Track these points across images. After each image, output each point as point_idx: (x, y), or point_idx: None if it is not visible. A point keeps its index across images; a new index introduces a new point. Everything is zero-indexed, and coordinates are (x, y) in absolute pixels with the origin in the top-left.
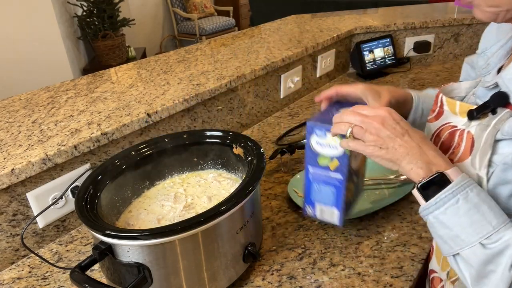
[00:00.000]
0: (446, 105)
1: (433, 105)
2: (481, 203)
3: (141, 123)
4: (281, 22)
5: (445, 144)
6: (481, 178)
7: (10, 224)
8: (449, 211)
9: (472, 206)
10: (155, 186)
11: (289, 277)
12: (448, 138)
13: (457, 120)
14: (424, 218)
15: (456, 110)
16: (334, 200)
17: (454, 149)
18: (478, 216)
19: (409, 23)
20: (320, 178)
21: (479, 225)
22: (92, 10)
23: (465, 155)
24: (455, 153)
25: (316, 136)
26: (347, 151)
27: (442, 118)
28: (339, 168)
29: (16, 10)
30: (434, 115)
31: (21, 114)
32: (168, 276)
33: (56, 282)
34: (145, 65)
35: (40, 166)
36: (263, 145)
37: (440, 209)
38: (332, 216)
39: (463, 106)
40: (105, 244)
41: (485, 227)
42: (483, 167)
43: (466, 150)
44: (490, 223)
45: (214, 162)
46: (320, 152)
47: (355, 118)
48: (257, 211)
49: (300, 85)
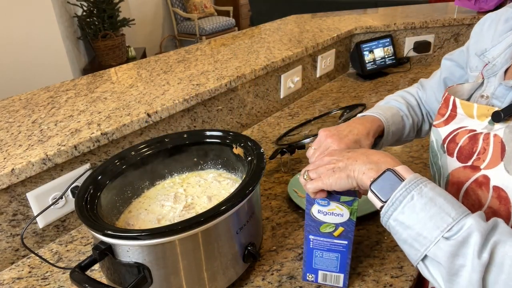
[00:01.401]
0: (461, 108)
1: (442, 108)
2: (436, 197)
3: (141, 123)
4: (281, 22)
5: (465, 150)
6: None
7: (10, 224)
8: (406, 210)
9: (428, 200)
10: (155, 186)
11: (289, 277)
12: (468, 143)
13: (474, 124)
14: (386, 226)
15: (473, 113)
16: (339, 265)
17: (479, 154)
18: (436, 209)
19: (409, 23)
20: (323, 245)
21: (438, 218)
22: (92, 10)
23: (496, 161)
24: (482, 159)
25: (318, 205)
26: (354, 216)
27: (454, 122)
28: (345, 234)
29: (16, 10)
30: (444, 119)
31: (21, 114)
32: (168, 276)
33: (56, 282)
34: (145, 65)
35: (40, 166)
36: (263, 145)
37: (397, 210)
38: (337, 280)
39: (481, 108)
40: (105, 244)
41: (445, 219)
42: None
43: (495, 155)
44: (449, 214)
45: (214, 162)
46: (323, 221)
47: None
48: (257, 211)
49: (300, 85)
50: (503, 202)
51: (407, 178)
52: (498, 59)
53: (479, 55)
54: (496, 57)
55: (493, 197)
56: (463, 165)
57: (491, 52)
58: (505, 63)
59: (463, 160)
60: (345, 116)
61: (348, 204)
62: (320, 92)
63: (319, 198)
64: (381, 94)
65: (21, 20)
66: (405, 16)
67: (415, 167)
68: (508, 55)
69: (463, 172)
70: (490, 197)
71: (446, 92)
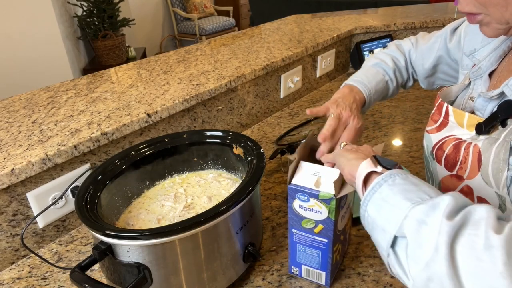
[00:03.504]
0: (453, 116)
1: (435, 114)
2: (417, 181)
3: (141, 123)
4: (281, 22)
5: (451, 158)
6: (503, 198)
7: (10, 224)
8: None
9: (409, 182)
10: (155, 186)
11: (289, 277)
12: (453, 152)
13: (463, 133)
14: (364, 213)
15: (464, 123)
16: (321, 263)
17: (461, 164)
18: (414, 187)
19: (409, 23)
20: (305, 241)
21: (415, 194)
22: (92, 10)
23: (474, 171)
24: (463, 169)
25: (299, 200)
26: (332, 215)
27: (445, 130)
28: (324, 232)
29: (16, 10)
30: (436, 126)
31: (21, 114)
32: (168, 276)
33: (56, 282)
34: (145, 65)
35: (40, 166)
36: (263, 145)
37: (376, 193)
38: (319, 277)
39: (472, 118)
40: (105, 244)
41: (421, 195)
42: (501, 186)
43: (473, 166)
44: (426, 193)
45: (214, 162)
46: (303, 216)
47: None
48: (257, 211)
49: (300, 85)
50: None
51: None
52: (483, 62)
53: (468, 55)
54: (482, 59)
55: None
56: (450, 173)
57: (479, 52)
58: (490, 66)
59: (449, 169)
60: None
61: (326, 202)
62: (320, 92)
63: (299, 194)
64: None
65: (21, 20)
66: (405, 16)
67: (415, 167)
68: (493, 58)
69: (451, 181)
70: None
71: (438, 98)
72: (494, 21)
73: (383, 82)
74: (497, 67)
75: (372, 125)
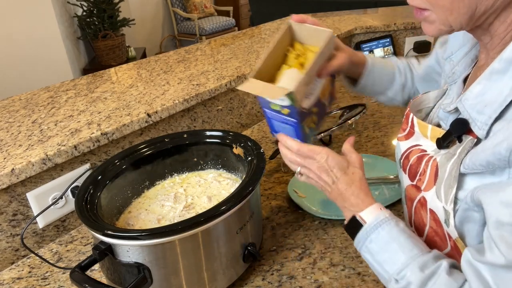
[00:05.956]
0: (418, 127)
1: (404, 123)
2: (390, 242)
3: (141, 123)
4: (281, 22)
5: (412, 169)
6: (448, 214)
7: (10, 224)
8: (367, 249)
9: (383, 244)
10: (155, 186)
11: (289, 277)
12: (415, 163)
13: (427, 144)
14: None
15: (427, 134)
16: (295, 135)
17: (420, 175)
18: (388, 255)
19: (409, 23)
20: (277, 118)
21: (390, 263)
22: (92, 10)
23: (430, 185)
24: (422, 180)
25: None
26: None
27: (412, 139)
28: (291, 115)
29: (16, 10)
30: (404, 134)
31: (21, 114)
32: (168, 276)
33: (56, 282)
34: (145, 65)
35: (40, 166)
36: (263, 145)
37: (362, 249)
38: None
39: (434, 130)
40: (105, 244)
41: (395, 265)
42: (449, 202)
43: (430, 179)
44: (399, 260)
45: (214, 162)
46: (270, 101)
47: (299, 161)
48: (257, 211)
49: None
50: (438, 224)
51: (367, 222)
52: (457, 66)
53: (445, 58)
54: (456, 64)
55: (430, 219)
56: (411, 183)
57: (456, 55)
58: (463, 71)
59: (411, 179)
60: (345, 116)
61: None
62: None
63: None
64: None
65: (21, 20)
66: (405, 16)
67: None
68: (466, 63)
69: (412, 190)
70: (428, 219)
71: (408, 106)
72: (439, 21)
73: (391, 68)
74: (470, 71)
75: (372, 125)
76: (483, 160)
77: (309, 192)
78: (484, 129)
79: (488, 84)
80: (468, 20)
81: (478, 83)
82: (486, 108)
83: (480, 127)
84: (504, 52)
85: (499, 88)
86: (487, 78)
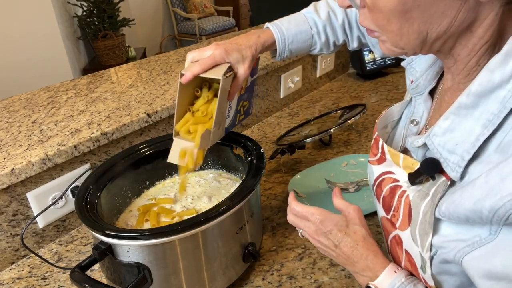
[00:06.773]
0: (389, 154)
1: (373, 147)
2: None
3: (141, 123)
4: None
5: (386, 201)
6: (425, 261)
7: (10, 224)
8: None
9: None
10: (155, 186)
11: (289, 277)
12: (388, 196)
13: (400, 173)
14: None
15: (399, 163)
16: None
17: (394, 211)
18: None
19: None
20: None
21: None
22: (92, 10)
23: (405, 225)
24: (396, 217)
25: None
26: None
27: (384, 165)
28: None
29: (16, 10)
30: (376, 159)
31: (21, 114)
32: (168, 276)
33: (56, 282)
34: (145, 65)
35: (40, 166)
36: (263, 145)
37: None
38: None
39: (407, 160)
40: (105, 244)
41: None
42: (425, 249)
43: (404, 218)
44: None
45: (214, 162)
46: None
47: (297, 223)
48: (257, 211)
49: (300, 85)
50: (413, 268)
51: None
52: (420, 79)
53: (405, 65)
54: (419, 76)
55: (406, 260)
56: (386, 216)
57: (417, 62)
58: (428, 84)
59: (386, 211)
60: (345, 116)
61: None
62: (320, 92)
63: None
64: (381, 94)
65: (21, 20)
66: None
67: None
68: (430, 76)
69: (387, 223)
70: (404, 259)
71: (376, 129)
72: (390, 43)
73: (307, 34)
74: (436, 84)
75: (372, 125)
76: (462, 214)
77: (309, 192)
78: (458, 171)
79: (457, 119)
80: (421, 45)
81: (446, 118)
82: (458, 148)
83: (452, 169)
84: (472, 85)
85: (470, 125)
86: (455, 113)
